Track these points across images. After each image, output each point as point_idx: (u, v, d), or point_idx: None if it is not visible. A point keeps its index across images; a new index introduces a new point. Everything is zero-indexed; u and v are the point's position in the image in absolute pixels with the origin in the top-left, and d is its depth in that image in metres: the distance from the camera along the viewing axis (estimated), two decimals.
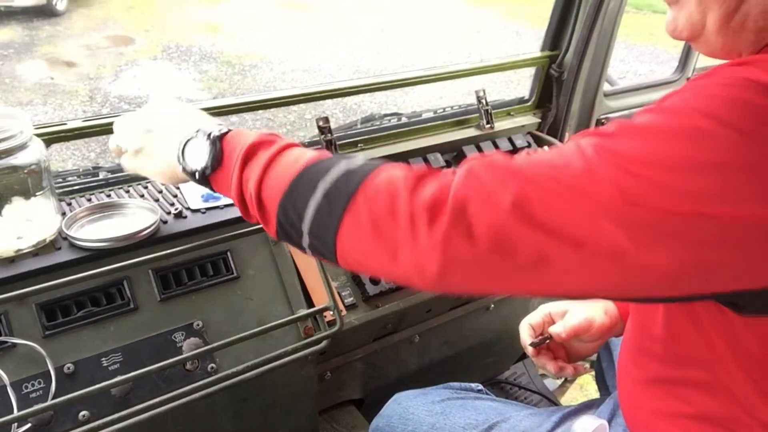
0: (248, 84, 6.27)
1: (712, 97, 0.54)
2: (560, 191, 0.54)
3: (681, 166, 0.51)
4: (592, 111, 1.78)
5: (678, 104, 0.56)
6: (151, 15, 8.02)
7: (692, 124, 0.53)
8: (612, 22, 1.64)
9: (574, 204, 0.53)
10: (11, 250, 0.94)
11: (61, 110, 5.44)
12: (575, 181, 0.54)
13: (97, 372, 0.91)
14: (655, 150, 0.53)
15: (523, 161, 0.58)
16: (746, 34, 0.62)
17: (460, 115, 1.64)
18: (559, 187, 0.54)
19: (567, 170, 0.55)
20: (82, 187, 1.20)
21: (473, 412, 1.02)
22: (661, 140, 0.53)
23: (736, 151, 0.51)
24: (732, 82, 0.54)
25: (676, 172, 0.51)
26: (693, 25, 0.65)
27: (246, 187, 0.70)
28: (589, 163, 0.54)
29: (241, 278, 1.06)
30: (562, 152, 0.57)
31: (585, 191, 0.53)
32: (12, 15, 7.46)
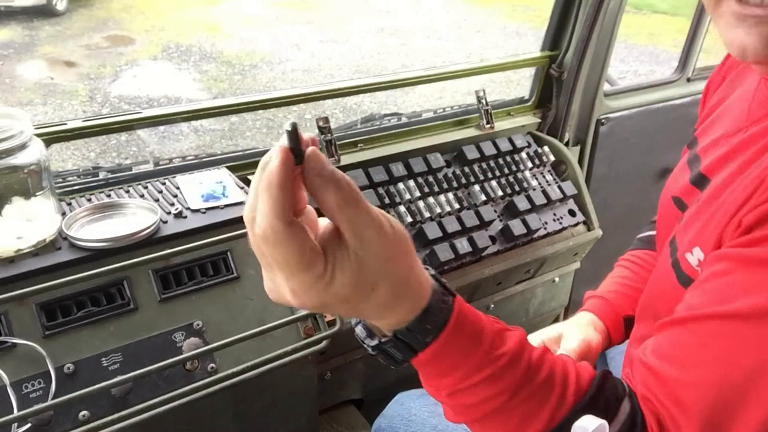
0: (248, 84, 6.27)
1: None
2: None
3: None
4: (592, 111, 1.78)
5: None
6: (151, 15, 8.02)
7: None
8: (612, 22, 1.64)
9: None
10: (11, 250, 0.94)
11: (61, 110, 5.44)
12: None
13: (97, 372, 0.91)
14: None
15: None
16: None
17: (460, 115, 1.64)
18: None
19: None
20: (82, 187, 1.20)
21: None
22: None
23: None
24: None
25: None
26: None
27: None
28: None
29: (241, 278, 1.06)
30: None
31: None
32: (12, 15, 7.46)
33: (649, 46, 7.80)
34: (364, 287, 0.50)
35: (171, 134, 5.00)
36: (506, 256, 1.50)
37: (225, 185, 1.15)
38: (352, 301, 0.50)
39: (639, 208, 1.94)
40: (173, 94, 5.91)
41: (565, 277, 1.77)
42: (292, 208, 0.47)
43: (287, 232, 0.46)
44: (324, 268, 0.48)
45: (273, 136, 5.20)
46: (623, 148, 1.90)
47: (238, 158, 1.34)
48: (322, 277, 0.48)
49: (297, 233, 0.46)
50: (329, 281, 0.48)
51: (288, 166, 0.46)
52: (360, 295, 0.50)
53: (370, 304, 0.52)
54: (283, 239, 0.46)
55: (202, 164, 1.32)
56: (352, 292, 0.50)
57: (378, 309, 0.53)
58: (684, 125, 0.92)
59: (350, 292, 0.49)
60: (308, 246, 0.47)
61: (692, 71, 1.97)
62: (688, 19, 1.96)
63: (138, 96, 5.80)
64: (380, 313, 0.54)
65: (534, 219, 1.52)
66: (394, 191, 1.40)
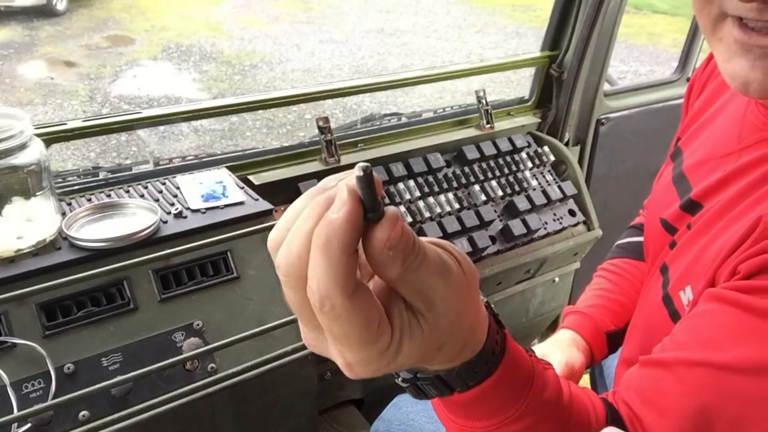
0: (248, 84, 6.27)
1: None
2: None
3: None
4: (592, 111, 1.78)
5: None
6: (151, 15, 8.02)
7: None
8: (612, 22, 1.64)
9: None
10: (11, 250, 0.94)
11: (61, 110, 5.44)
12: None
13: (97, 372, 0.91)
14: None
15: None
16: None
17: (460, 115, 1.64)
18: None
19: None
20: (82, 187, 1.20)
21: None
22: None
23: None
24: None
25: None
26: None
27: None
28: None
29: (241, 278, 1.06)
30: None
31: None
32: (12, 15, 7.46)
33: (649, 46, 7.80)
34: (431, 351, 0.43)
35: (171, 134, 5.00)
36: (506, 256, 1.50)
37: (225, 185, 1.15)
38: (414, 365, 0.45)
39: (639, 208, 1.94)
40: (173, 94, 5.91)
41: (565, 277, 1.77)
42: (355, 272, 0.37)
43: (349, 306, 0.37)
44: (390, 340, 0.40)
45: (273, 136, 5.20)
46: (623, 148, 1.90)
47: (238, 158, 1.35)
48: (387, 351, 0.40)
49: (362, 305, 0.37)
50: (395, 353, 0.40)
51: (357, 226, 0.36)
52: (425, 360, 0.44)
53: (434, 362, 0.45)
54: (344, 313, 0.37)
55: (202, 164, 1.32)
56: (418, 359, 0.43)
57: (439, 364, 0.46)
58: None
59: (416, 360, 0.42)
60: (376, 319, 0.38)
61: (692, 71, 1.97)
62: (688, 19, 1.96)
63: (138, 96, 5.80)
64: (438, 365, 0.47)
65: (534, 219, 1.52)
66: (394, 191, 1.40)
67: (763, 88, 0.56)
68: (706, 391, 0.56)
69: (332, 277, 0.36)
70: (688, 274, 0.69)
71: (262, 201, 1.13)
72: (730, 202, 0.67)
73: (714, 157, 0.74)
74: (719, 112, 0.79)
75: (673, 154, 0.86)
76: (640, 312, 0.84)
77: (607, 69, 1.74)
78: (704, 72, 0.87)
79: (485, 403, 0.51)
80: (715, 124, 0.79)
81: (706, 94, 0.84)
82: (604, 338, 0.96)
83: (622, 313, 0.97)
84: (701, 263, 0.66)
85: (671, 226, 0.78)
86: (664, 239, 0.79)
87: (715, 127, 0.78)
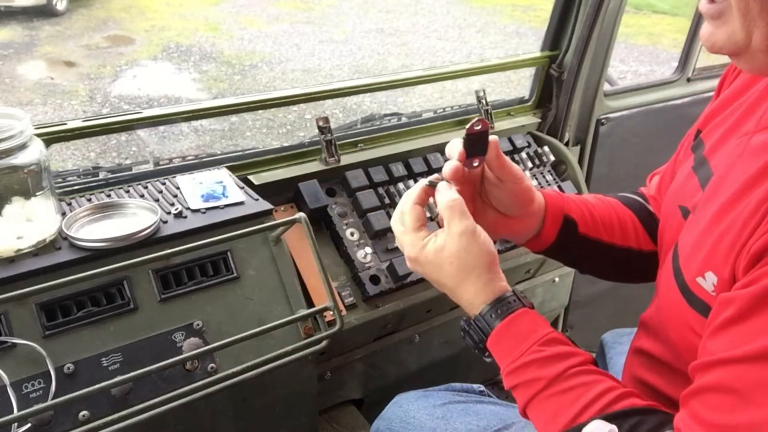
0: (248, 84, 6.28)
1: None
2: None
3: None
4: (592, 111, 1.78)
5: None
6: (151, 15, 8.02)
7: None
8: (612, 22, 1.64)
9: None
10: (11, 250, 0.94)
11: (61, 110, 5.44)
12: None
13: (97, 372, 0.91)
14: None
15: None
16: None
17: (460, 115, 1.64)
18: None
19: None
20: (82, 187, 1.20)
21: (474, 417, 1.02)
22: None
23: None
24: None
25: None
26: (736, 43, 0.63)
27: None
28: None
29: (241, 278, 1.06)
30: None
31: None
32: (12, 15, 7.46)
33: (649, 46, 7.81)
34: (440, 260, 0.77)
35: (171, 134, 5.01)
36: (506, 256, 1.50)
37: (225, 185, 1.15)
38: (431, 265, 0.78)
39: None
40: (173, 94, 5.91)
41: (565, 277, 1.77)
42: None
43: (410, 209, 0.80)
44: (426, 236, 0.78)
45: (273, 136, 5.20)
46: (623, 148, 1.90)
47: (238, 158, 1.34)
48: (421, 240, 0.79)
49: (416, 212, 0.80)
50: (423, 245, 0.78)
51: (426, 192, 0.82)
52: (435, 264, 0.77)
53: (444, 274, 0.77)
54: (407, 211, 0.80)
55: (202, 164, 1.32)
56: (433, 258, 0.77)
57: (452, 280, 0.77)
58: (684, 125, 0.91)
59: (432, 258, 0.77)
60: (422, 234, 0.79)
61: (692, 71, 1.97)
62: (688, 19, 1.96)
63: (138, 96, 5.80)
64: (456, 287, 0.78)
65: None
66: (394, 191, 1.40)
67: (721, 47, 0.64)
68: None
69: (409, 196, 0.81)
70: (708, 263, 0.68)
71: (262, 201, 1.13)
72: (745, 186, 0.66)
73: (731, 132, 0.75)
74: (742, 104, 0.79)
75: (694, 146, 0.85)
76: (657, 304, 0.84)
77: (607, 69, 1.74)
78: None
79: (503, 341, 0.75)
80: (737, 104, 0.79)
81: (734, 88, 0.83)
82: (561, 216, 0.92)
83: (590, 220, 0.94)
84: (721, 251, 0.66)
85: (689, 212, 0.78)
86: (681, 225, 0.79)
87: (737, 106, 0.79)
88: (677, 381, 0.76)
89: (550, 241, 0.93)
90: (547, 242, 0.93)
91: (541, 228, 0.92)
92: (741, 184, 0.67)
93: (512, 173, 0.85)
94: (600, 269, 1.00)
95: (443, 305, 1.45)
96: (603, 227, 0.94)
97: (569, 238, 0.92)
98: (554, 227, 0.92)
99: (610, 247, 0.95)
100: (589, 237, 0.93)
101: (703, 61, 1.99)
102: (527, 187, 0.87)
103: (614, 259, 0.96)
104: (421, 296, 1.34)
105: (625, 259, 0.96)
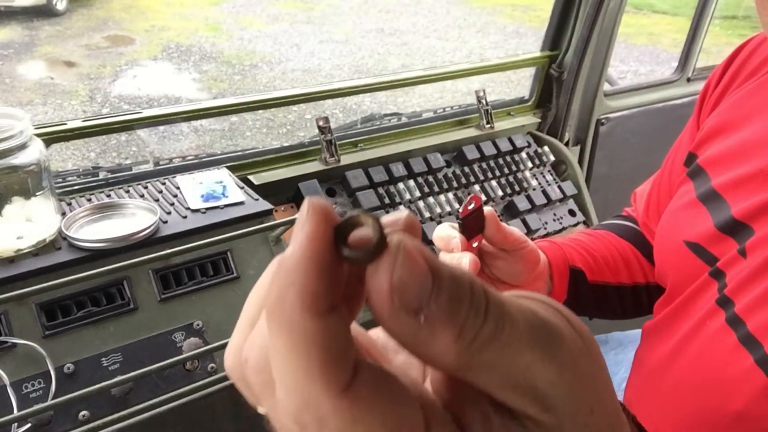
0: (248, 84, 6.27)
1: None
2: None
3: None
4: (592, 111, 1.78)
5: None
6: (151, 15, 8.02)
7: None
8: (612, 22, 1.64)
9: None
10: (11, 250, 0.94)
11: (61, 110, 5.44)
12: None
13: (97, 372, 0.91)
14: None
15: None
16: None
17: (460, 115, 1.64)
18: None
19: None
20: (82, 187, 1.20)
21: None
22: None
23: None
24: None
25: None
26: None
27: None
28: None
29: (241, 278, 1.06)
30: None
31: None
32: (12, 15, 7.46)
33: (649, 46, 7.80)
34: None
35: (171, 134, 5.00)
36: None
37: (225, 185, 1.15)
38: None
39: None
40: (173, 94, 5.91)
41: None
42: (344, 353, 0.22)
43: (342, 404, 0.21)
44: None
45: (273, 136, 5.20)
46: (623, 148, 1.90)
47: (238, 158, 1.35)
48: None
49: (379, 400, 0.21)
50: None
51: (324, 259, 0.22)
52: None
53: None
54: (351, 422, 0.21)
55: (202, 164, 1.32)
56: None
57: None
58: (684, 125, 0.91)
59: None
60: (418, 421, 0.22)
61: (692, 71, 1.97)
62: (688, 19, 1.96)
63: (138, 96, 5.80)
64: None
65: (534, 219, 1.52)
66: (394, 191, 1.40)
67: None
68: None
69: (300, 364, 0.21)
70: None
71: (262, 201, 1.13)
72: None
73: (761, 173, 0.66)
74: (750, 123, 0.71)
75: (692, 172, 0.76)
76: (682, 356, 0.68)
77: (607, 69, 1.74)
78: (719, 84, 0.79)
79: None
80: (749, 138, 0.71)
81: (727, 108, 0.76)
82: (567, 269, 0.84)
83: (594, 265, 0.87)
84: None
85: (705, 249, 0.69)
86: (695, 264, 0.70)
87: (751, 140, 0.70)
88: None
89: (563, 299, 0.84)
90: (559, 300, 0.83)
91: (550, 288, 0.83)
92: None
93: (516, 240, 0.75)
94: (611, 313, 0.92)
95: None
96: (608, 269, 0.88)
97: (580, 289, 0.85)
98: (563, 283, 0.84)
99: (618, 288, 0.89)
100: (598, 283, 0.87)
101: (703, 61, 1.99)
102: (533, 248, 0.77)
103: (623, 299, 0.90)
104: None
105: (634, 297, 0.91)
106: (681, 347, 0.68)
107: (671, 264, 0.76)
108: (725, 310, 0.63)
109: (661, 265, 0.80)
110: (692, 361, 0.66)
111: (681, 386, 0.67)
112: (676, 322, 0.71)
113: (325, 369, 0.20)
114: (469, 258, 0.68)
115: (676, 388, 0.68)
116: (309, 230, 0.22)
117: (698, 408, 0.64)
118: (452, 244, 0.69)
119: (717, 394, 0.61)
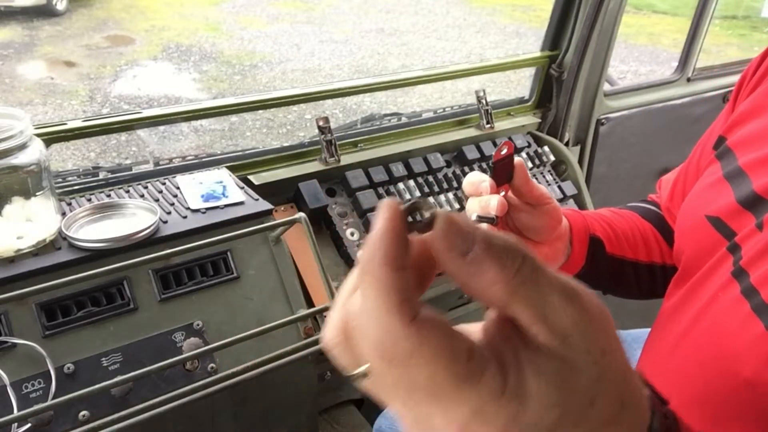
0: (248, 84, 6.27)
1: None
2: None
3: None
4: (592, 111, 1.78)
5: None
6: (151, 15, 8.02)
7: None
8: (612, 22, 1.64)
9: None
10: (11, 250, 0.94)
11: (61, 110, 5.44)
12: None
13: (97, 372, 0.91)
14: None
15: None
16: None
17: (460, 115, 1.64)
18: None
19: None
20: (82, 187, 1.20)
21: None
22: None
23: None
24: None
25: None
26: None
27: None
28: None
29: (241, 278, 1.06)
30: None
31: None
32: (12, 15, 7.46)
33: (649, 46, 7.81)
34: (579, 403, 0.30)
35: (171, 134, 5.01)
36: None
37: (225, 185, 1.15)
38: (561, 428, 0.30)
39: None
40: (173, 94, 5.91)
41: None
42: (411, 297, 0.31)
43: (416, 334, 0.29)
44: (505, 379, 0.29)
45: (273, 136, 5.20)
46: (623, 148, 1.90)
47: (238, 158, 1.35)
48: (504, 395, 0.29)
49: (434, 332, 0.30)
50: (521, 398, 0.29)
51: (401, 233, 0.32)
52: (574, 418, 0.30)
53: (587, 428, 0.31)
54: (413, 347, 0.29)
55: (202, 164, 1.32)
56: (561, 413, 0.30)
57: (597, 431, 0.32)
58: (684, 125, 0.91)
59: (559, 415, 0.30)
60: (464, 348, 0.30)
61: (692, 71, 1.97)
62: (688, 19, 1.96)
63: (138, 96, 5.80)
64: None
65: None
66: (394, 191, 1.40)
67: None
68: None
69: (383, 302, 0.30)
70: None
71: (262, 201, 1.13)
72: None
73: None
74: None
75: (720, 153, 0.76)
76: (694, 331, 0.67)
77: (607, 69, 1.74)
78: (759, 69, 0.78)
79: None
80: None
81: (761, 93, 0.74)
82: (587, 237, 0.85)
83: (614, 237, 0.88)
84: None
85: (724, 223, 0.68)
86: (713, 238, 0.69)
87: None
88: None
89: (580, 265, 0.85)
90: (577, 266, 0.85)
91: (570, 252, 0.83)
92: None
93: (542, 194, 0.76)
94: (625, 289, 0.92)
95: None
96: (627, 244, 0.89)
97: (597, 259, 0.85)
98: (582, 249, 0.84)
99: (635, 264, 0.89)
100: (615, 256, 0.87)
101: (703, 61, 1.99)
102: (556, 206, 0.77)
103: (639, 277, 0.90)
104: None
105: (649, 275, 0.90)
106: (694, 323, 0.67)
107: (690, 239, 0.75)
108: (740, 281, 0.62)
109: (680, 240, 0.78)
110: (704, 334, 0.65)
111: (692, 360, 0.66)
112: (690, 300, 0.69)
113: (399, 305, 0.30)
114: (498, 199, 0.69)
115: (686, 362, 0.66)
116: (386, 213, 0.31)
117: (709, 378, 0.63)
118: (481, 187, 0.72)
119: (728, 363, 0.60)
